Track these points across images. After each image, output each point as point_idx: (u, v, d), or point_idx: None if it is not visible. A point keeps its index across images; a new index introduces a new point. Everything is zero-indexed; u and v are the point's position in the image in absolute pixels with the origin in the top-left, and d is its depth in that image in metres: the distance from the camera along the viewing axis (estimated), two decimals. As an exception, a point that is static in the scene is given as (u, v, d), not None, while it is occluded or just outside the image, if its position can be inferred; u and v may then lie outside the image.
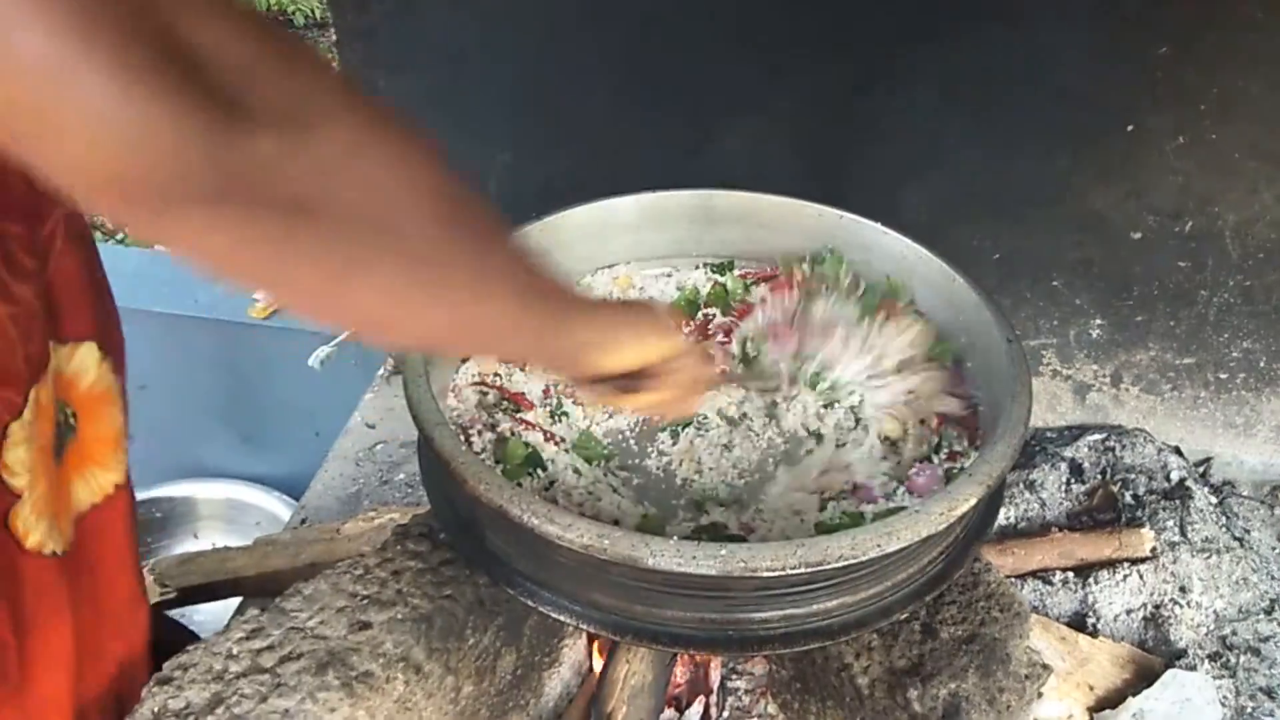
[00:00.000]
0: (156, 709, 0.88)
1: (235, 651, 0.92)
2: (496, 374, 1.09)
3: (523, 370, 1.10)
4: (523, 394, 1.07)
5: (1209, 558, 1.45)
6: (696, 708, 1.21)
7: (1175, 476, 1.57)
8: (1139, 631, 1.41)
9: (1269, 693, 1.33)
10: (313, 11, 5.05)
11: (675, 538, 0.82)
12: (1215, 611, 1.43)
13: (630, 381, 0.83)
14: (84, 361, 0.87)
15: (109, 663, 0.92)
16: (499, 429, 1.02)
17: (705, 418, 1.08)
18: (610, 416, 1.08)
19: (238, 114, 0.46)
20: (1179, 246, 1.57)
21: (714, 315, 1.20)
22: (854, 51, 1.48)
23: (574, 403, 1.08)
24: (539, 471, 0.98)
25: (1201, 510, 1.50)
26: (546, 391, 1.09)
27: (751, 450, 1.06)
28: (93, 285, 0.88)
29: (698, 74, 1.54)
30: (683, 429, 1.07)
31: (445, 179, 0.61)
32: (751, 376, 1.10)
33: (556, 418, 1.06)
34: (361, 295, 0.58)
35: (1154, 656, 1.36)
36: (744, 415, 1.09)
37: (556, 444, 1.02)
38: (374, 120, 0.56)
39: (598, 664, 1.24)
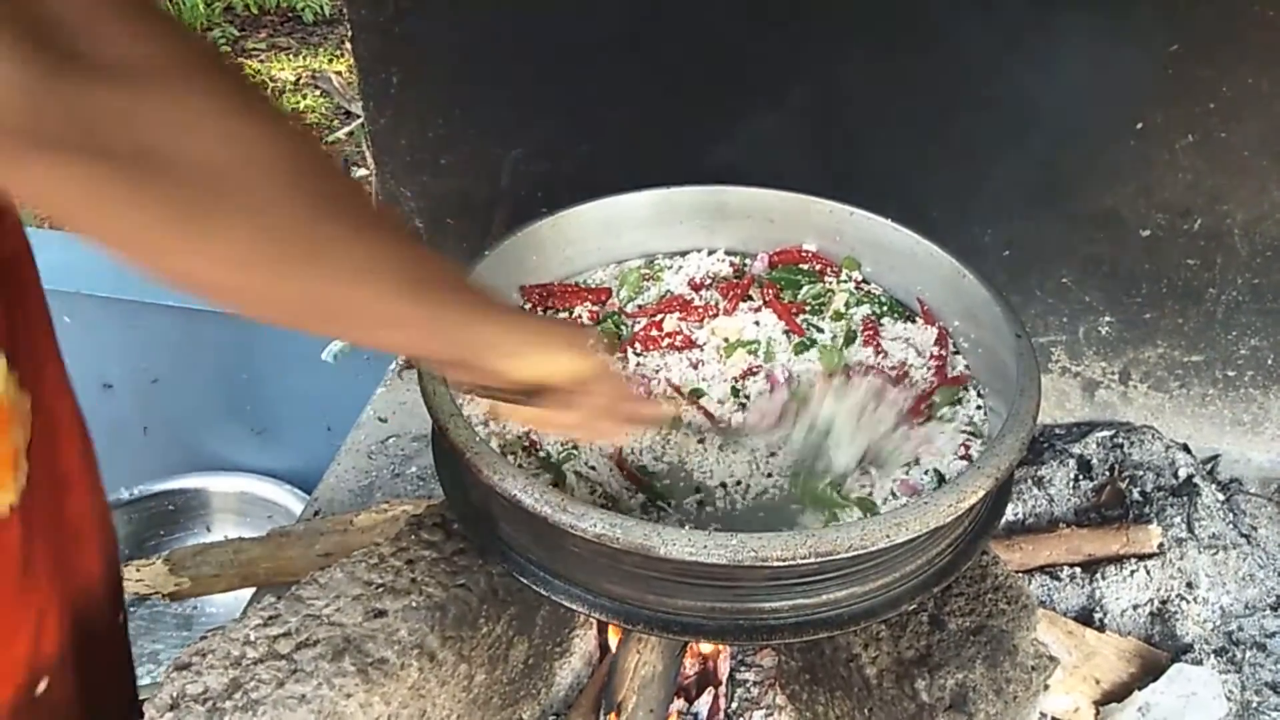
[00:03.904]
0: (175, 693, 0.89)
1: (253, 638, 0.93)
2: None
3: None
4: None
5: (1216, 554, 1.46)
6: (706, 698, 1.22)
7: (1183, 473, 1.58)
8: (1146, 626, 1.41)
9: (1274, 687, 1.34)
10: (321, 8, 5.07)
11: (687, 527, 0.83)
12: (1221, 607, 1.43)
13: (532, 396, 0.80)
14: None
15: None
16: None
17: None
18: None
19: (75, 65, 0.46)
20: (1188, 244, 1.57)
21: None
22: (865, 49, 1.49)
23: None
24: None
25: (1209, 507, 1.51)
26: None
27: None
28: (1, 291, 0.80)
29: (709, 70, 1.55)
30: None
31: (316, 158, 0.60)
32: (732, 432, 1.05)
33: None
34: (205, 256, 0.56)
35: (1160, 651, 1.37)
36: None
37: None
38: (235, 89, 0.54)
39: (611, 648, 1.25)
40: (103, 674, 0.92)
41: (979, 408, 1.08)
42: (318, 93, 4.47)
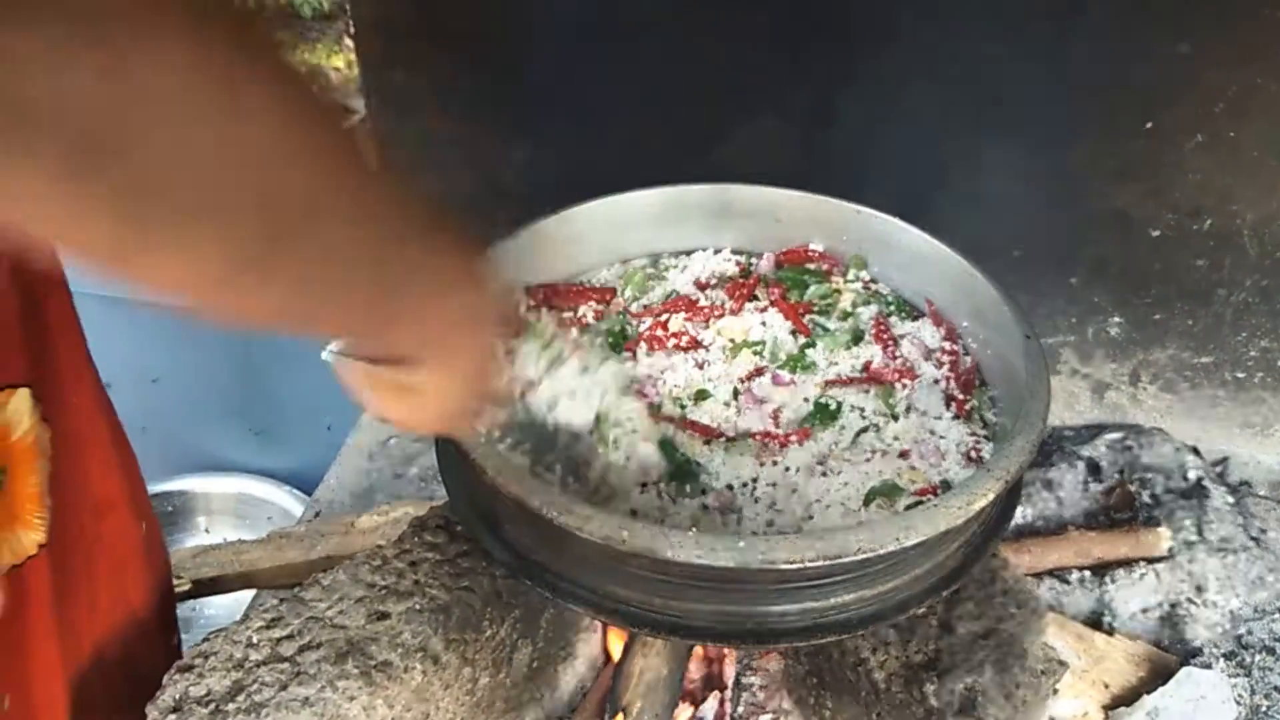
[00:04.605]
0: (178, 695, 0.88)
1: (255, 640, 0.92)
2: None
3: None
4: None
5: (1225, 557, 1.44)
6: (711, 703, 1.21)
7: (1192, 476, 1.57)
8: (1155, 630, 1.40)
9: (1286, 692, 1.33)
10: (320, 3, 5.06)
11: (694, 529, 0.82)
12: (1231, 611, 1.42)
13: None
14: (17, 410, 0.79)
15: None
16: None
17: None
18: None
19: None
20: (1197, 245, 1.56)
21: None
22: (872, 48, 1.48)
23: None
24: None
25: (1218, 510, 1.50)
26: None
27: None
28: (28, 325, 0.79)
29: (714, 70, 1.54)
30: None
31: (314, 134, 0.49)
32: None
33: None
34: (167, 267, 0.46)
35: (1169, 655, 1.36)
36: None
37: None
38: (222, 41, 0.41)
39: (616, 651, 1.24)
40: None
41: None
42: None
